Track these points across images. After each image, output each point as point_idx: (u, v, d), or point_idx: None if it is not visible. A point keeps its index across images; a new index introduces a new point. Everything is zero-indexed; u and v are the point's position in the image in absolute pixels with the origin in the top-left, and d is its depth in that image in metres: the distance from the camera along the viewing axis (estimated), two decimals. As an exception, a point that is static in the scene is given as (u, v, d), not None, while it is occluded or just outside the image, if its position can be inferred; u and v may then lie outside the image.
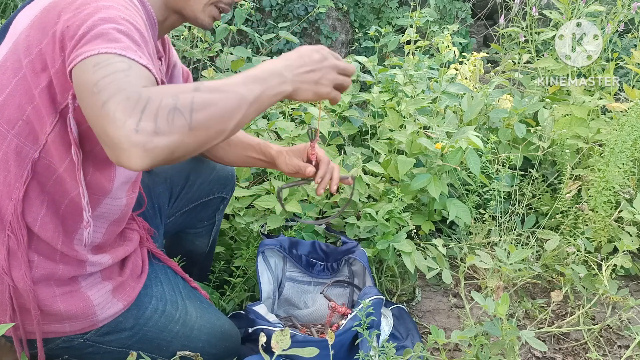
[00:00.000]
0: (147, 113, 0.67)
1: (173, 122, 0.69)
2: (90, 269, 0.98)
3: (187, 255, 1.40)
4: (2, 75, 0.86)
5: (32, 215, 0.89)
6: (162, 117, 0.68)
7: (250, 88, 0.78)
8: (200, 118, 0.71)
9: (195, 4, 0.99)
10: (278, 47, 3.20)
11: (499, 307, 1.10)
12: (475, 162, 1.70)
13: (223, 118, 0.74)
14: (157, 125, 0.67)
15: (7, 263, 0.88)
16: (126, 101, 0.67)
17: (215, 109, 0.73)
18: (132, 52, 0.74)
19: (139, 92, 0.69)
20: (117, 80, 0.69)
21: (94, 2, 0.79)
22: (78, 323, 0.97)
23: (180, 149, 0.70)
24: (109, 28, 0.75)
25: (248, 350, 1.29)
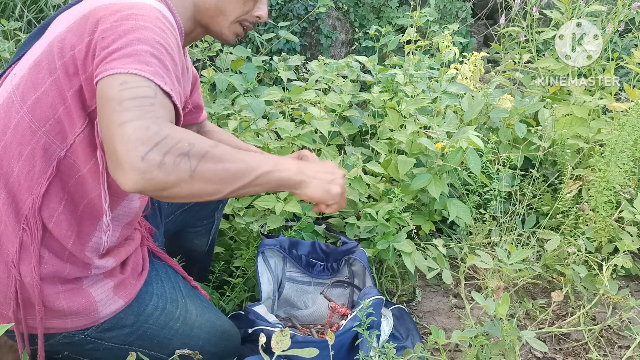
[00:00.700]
0: (159, 147, 0.72)
1: (179, 164, 0.73)
2: (95, 272, 0.99)
3: (186, 254, 1.40)
4: (37, 75, 0.88)
5: (49, 211, 0.90)
6: (171, 156, 0.72)
7: (261, 164, 0.83)
8: (204, 170, 0.75)
9: (222, 21, 1.03)
10: (278, 47, 3.20)
11: (499, 307, 1.09)
12: (475, 162, 1.70)
13: (225, 179, 0.78)
14: (162, 161, 0.72)
15: (17, 256, 0.89)
16: (145, 130, 0.72)
17: (221, 168, 0.77)
18: (159, 78, 0.77)
19: (161, 127, 0.73)
20: (142, 107, 0.73)
21: (133, 20, 0.81)
22: (80, 319, 0.98)
23: (172, 190, 0.74)
24: (142, 50, 0.78)
25: (248, 350, 1.29)
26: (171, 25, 0.87)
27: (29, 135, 0.88)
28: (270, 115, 2.05)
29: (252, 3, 1.03)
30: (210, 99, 2.14)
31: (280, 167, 0.86)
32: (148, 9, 0.84)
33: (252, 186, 0.82)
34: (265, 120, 1.98)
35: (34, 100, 0.87)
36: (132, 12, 0.82)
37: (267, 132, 1.93)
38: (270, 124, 1.90)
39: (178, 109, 0.81)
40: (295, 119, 2.09)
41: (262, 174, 0.82)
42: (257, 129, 1.88)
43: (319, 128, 1.75)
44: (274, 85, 2.45)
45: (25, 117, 0.88)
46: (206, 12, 1.01)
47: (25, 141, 0.88)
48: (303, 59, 2.24)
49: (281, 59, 2.12)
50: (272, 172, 0.84)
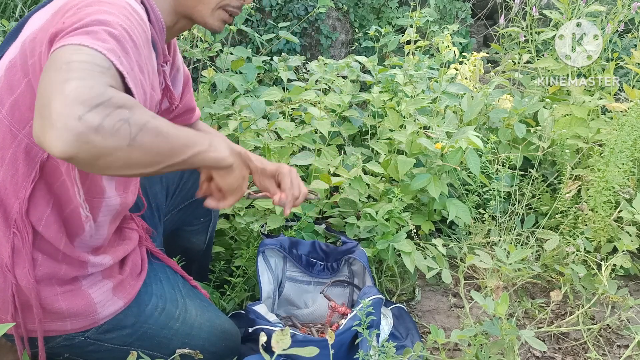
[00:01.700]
0: (100, 109, 0.66)
1: (118, 129, 0.67)
2: (92, 270, 0.99)
3: (184, 253, 1.40)
4: (13, 76, 0.86)
5: (37, 214, 0.90)
6: (111, 120, 0.66)
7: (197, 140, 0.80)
8: (144, 140, 0.70)
9: (203, 9, 0.99)
10: (278, 47, 3.20)
11: (498, 306, 1.10)
12: (475, 162, 1.70)
13: (163, 152, 0.74)
14: (101, 124, 0.65)
15: (11, 260, 0.89)
16: (89, 89, 0.66)
17: (161, 140, 0.73)
18: (114, 55, 0.73)
19: (106, 88, 0.68)
20: (91, 70, 0.68)
21: (97, 5, 0.79)
22: (79, 321, 0.98)
23: (107, 158, 0.68)
24: (100, 29, 0.74)
25: (248, 349, 1.29)
26: (140, 19, 0.83)
27: (10, 138, 0.87)
28: (271, 116, 2.06)
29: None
30: (211, 99, 2.14)
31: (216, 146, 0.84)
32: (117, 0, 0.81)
33: (186, 164, 0.79)
34: (265, 120, 1.98)
35: (12, 102, 0.86)
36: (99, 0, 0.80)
37: (267, 132, 1.93)
38: (270, 124, 1.90)
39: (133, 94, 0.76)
40: (295, 119, 2.10)
41: (198, 152, 0.80)
42: (257, 129, 1.89)
43: (319, 128, 1.75)
44: (274, 85, 2.46)
45: (4, 120, 0.87)
46: (185, 3, 0.99)
47: (7, 145, 0.87)
48: (303, 59, 2.24)
49: (281, 59, 2.12)
50: (207, 151, 0.82)
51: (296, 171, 1.25)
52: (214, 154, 0.83)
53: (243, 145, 1.85)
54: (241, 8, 1.04)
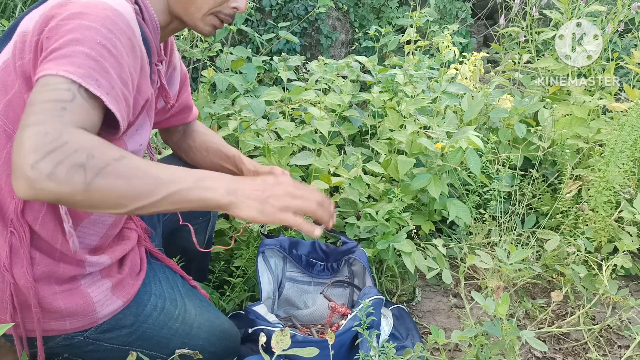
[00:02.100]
0: (52, 156, 0.67)
1: (72, 176, 0.68)
2: (90, 269, 0.99)
3: (183, 253, 1.40)
4: (7, 77, 0.87)
5: (34, 213, 0.90)
6: (64, 167, 0.67)
7: (177, 181, 0.75)
8: (102, 185, 0.70)
9: (195, 12, 0.99)
10: (278, 47, 3.20)
11: (499, 307, 1.09)
12: (475, 162, 1.70)
13: (127, 195, 0.72)
14: (53, 172, 0.67)
15: (8, 260, 0.89)
16: (43, 136, 0.68)
17: (123, 183, 0.71)
18: (91, 80, 0.74)
19: (61, 133, 0.69)
20: (52, 110, 0.70)
21: (78, 19, 0.78)
22: (78, 320, 0.98)
23: (67, 201, 0.70)
24: (78, 51, 0.75)
25: (248, 350, 1.29)
26: (125, 25, 0.83)
27: (4, 139, 0.87)
28: (270, 115, 2.05)
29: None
30: (211, 99, 2.14)
31: (204, 184, 0.77)
32: (100, 9, 0.80)
33: (165, 204, 0.75)
34: (265, 120, 1.98)
35: (6, 103, 0.86)
36: (81, 10, 0.79)
37: (267, 132, 1.93)
38: (270, 124, 1.90)
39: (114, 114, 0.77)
40: (295, 119, 2.09)
41: (176, 192, 0.74)
42: (257, 129, 1.89)
43: (319, 128, 1.75)
44: (274, 85, 2.46)
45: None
46: (178, 3, 0.99)
47: (1, 145, 0.87)
48: (303, 59, 2.24)
49: (281, 59, 2.12)
50: (190, 189, 0.76)
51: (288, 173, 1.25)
52: (199, 192, 0.76)
53: (243, 145, 1.85)
54: (234, 16, 1.04)
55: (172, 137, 1.33)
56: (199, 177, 0.78)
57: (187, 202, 0.76)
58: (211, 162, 1.32)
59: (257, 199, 0.81)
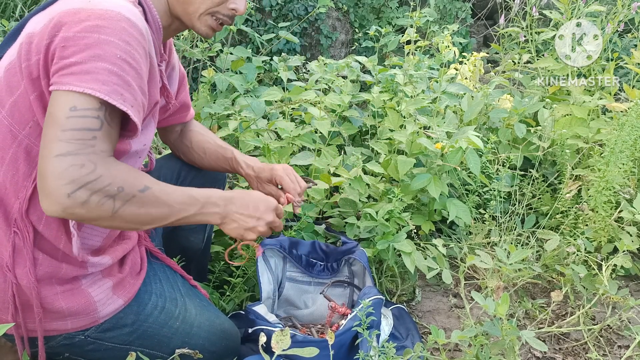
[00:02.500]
0: (87, 188, 0.77)
1: (103, 205, 0.79)
2: (91, 269, 1.00)
3: (183, 252, 1.41)
4: (12, 78, 0.87)
5: (38, 213, 0.90)
6: (97, 197, 0.78)
7: (185, 208, 0.91)
8: (126, 213, 0.82)
9: (192, 12, 1.01)
10: (278, 47, 3.20)
11: (499, 307, 1.09)
12: (475, 162, 1.70)
13: (145, 221, 0.86)
14: (87, 201, 0.77)
15: (11, 260, 0.90)
16: (79, 168, 0.76)
17: (143, 212, 0.84)
18: (116, 96, 0.80)
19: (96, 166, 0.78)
20: (83, 141, 0.78)
21: (97, 33, 0.81)
22: (80, 320, 0.98)
23: (90, 222, 0.82)
24: (101, 67, 0.79)
25: (248, 350, 1.29)
26: (139, 34, 0.86)
27: (10, 139, 0.88)
28: (271, 116, 2.06)
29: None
30: (211, 99, 2.14)
31: (206, 210, 0.94)
32: (115, 20, 0.82)
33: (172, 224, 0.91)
34: (265, 120, 1.98)
35: (12, 103, 0.87)
36: (97, 23, 0.81)
37: (267, 132, 1.93)
38: (270, 124, 1.90)
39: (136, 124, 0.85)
40: (295, 119, 2.10)
41: (183, 217, 0.91)
42: (257, 129, 1.89)
43: (319, 128, 1.75)
44: (274, 85, 2.46)
45: (4, 120, 0.88)
46: (177, 4, 1.01)
47: (7, 145, 0.88)
48: (303, 59, 2.24)
49: (281, 59, 2.12)
50: (194, 215, 0.92)
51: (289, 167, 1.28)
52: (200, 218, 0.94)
53: (243, 145, 1.85)
54: (233, 18, 1.06)
55: (170, 136, 1.33)
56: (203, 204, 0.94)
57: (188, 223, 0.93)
58: (209, 164, 1.33)
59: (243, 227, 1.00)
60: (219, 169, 1.34)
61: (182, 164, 1.35)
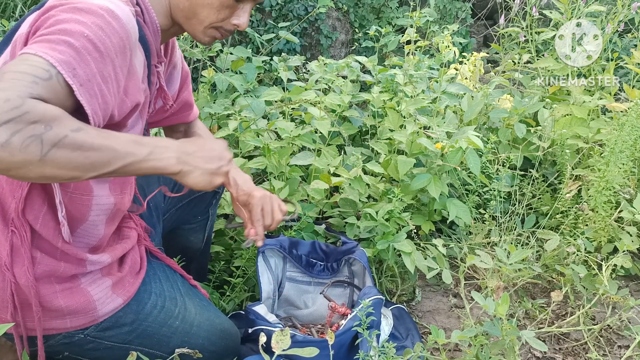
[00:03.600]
0: (10, 125, 0.67)
1: (27, 146, 0.68)
2: (90, 268, 0.99)
3: (183, 251, 1.41)
4: None
5: (34, 213, 0.90)
6: (21, 136, 0.67)
7: (132, 152, 0.78)
8: (57, 156, 0.71)
9: (196, 24, 0.99)
10: (278, 47, 3.20)
11: (499, 307, 1.10)
12: (475, 162, 1.70)
13: (82, 166, 0.74)
14: (8, 140, 0.67)
15: (9, 259, 0.90)
16: (2, 103, 0.67)
17: (79, 155, 0.72)
18: (67, 67, 0.74)
19: (24, 102, 0.68)
20: (19, 81, 0.69)
21: (71, 13, 0.79)
22: (79, 318, 0.98)
23: (19, 170, 0.70)
24: (62, 39, 0.75)
25: (248, 350, 1.29)
26: (120, 26, 0.82)
27: None
28: (271, 116, 2.06)
29: (228, 12, 0.99)
30: (211, 99, 2.14)
31: (157, 155, 0.82)
32: (96, 7, 0.80)
33: (120, 173, 0.79)
34: (265, 120, 1.98)
35: None
36: (76, 6, 0.80)
37: (267, 132, 1.93)
38: (270, 124, 1.90)
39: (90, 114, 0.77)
40: (295, 119, 2.10)
41: (131, 162, 0.78)
42: (257, 129, 1.89)
43: (319, 128, 1.75)
44: (274, 85, 2.46)
45: None
46: (181, 12, 0.99)
47: None
48: (303, 59, 2.24)
49: (281, 59, 2.12)
50: (145, 160, 0.80)
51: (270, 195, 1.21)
52: (153, 163, 0.82)
53: (243, 145, 1.85)
54: (233, 31, 1.04)
55: (174, 136, 1.33)
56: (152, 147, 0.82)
57: (140, 171, 0.81)
58: None
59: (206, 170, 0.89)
60: None
61: None
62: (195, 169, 0.88)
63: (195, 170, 0.88)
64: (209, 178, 0.90)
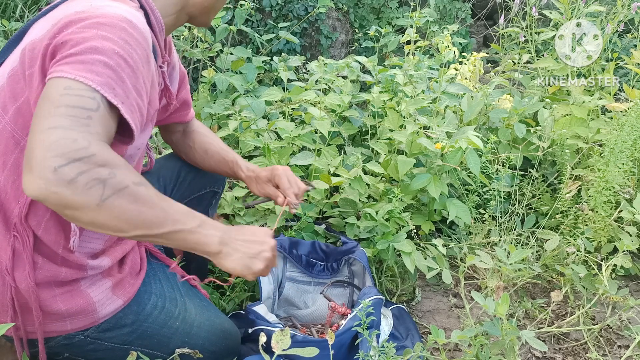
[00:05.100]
0: (77, 165, 0.68)
1: (90, 188, 0.69)
2: (91, 272, 1.00)
3: (183, 252, 1.41)
4: (16, 84, 0.87)
5: (37, 219, 0.90)
6: (86, 177, 0.69)
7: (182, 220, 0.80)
8: (115, 204, 0.72)
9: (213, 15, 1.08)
10: (278, 47, 3.20)
11: (499, 307, 1.10)
12: (475, 162, 1.70)
13: (134, 221, 0.74)
14: (74, 180, 0.68)
15: (11, 263, 0.89)
16: (71, 142, 0.69)
17: (134, 208, 0.74)
18: (108, 89, 0.75)
19: (90, 144, 0.70)
20: (78, 118, 0.71)
21: (96, 29, 0.80)
22: (79, 320, 0.98)
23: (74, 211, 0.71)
24: (96, 59, 0.76)
25: (248, 350, 1.29)
26: (141, 36, 0.84)
27: (13, 144, 0.88)
28: (271, 116, 2.06)
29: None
30: (211, 99, 2.14)
31: (204, 230, 0.83)
32: (117, 20, 0.81)
33: (162, 238, 0.79)
34: (265, 120, 1.98)
35: (15, 110, 0.87)
36: (98, 20, 0.80)
37: (267, 132, 1.93)
38: (270, 124, 1.90)
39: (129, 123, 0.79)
40: (295, 119, 2.10)
41: (178, 231, 0.79)
42: (257, 129, 1.89)
43: (319, 128, 1.75)
44: (274, 85, 2.46)
45: (7, 126, 0.88)
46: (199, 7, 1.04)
47: (9, 150, 0.88)
48: (303, 59, 2.24)
49: (281, 60, 2.12)
50: (191, 232, 0.81)
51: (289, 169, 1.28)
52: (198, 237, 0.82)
53: (243, 145, 1.85)
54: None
55: (172, 136, 1.34)
56: (201, 222, 0.83)
57: (183, 242, 0.81)
58: (210, 166, 1.33)
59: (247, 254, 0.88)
60: (220, 171, 1.34)
61: (182, 164, 1.35)
62: (234, 251, 0.87)
63: (235, 254, 0.86)
64: (249, 262, 0.88)
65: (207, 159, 1.32)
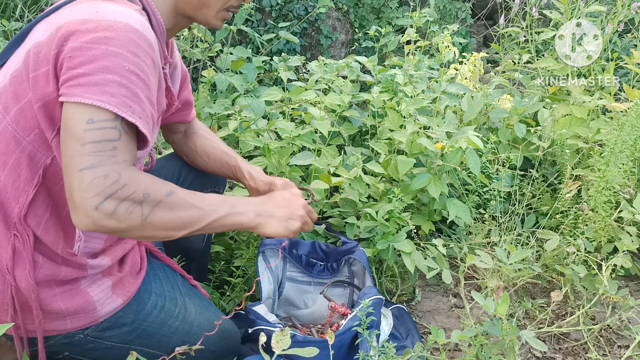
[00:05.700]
0: (113, 197, 0.77)
1: (130, 213, 0.79)
2: (91, 271, 1.00)
3: (183, 251, 1.41)
4: (19, 85, 0.87)
5: (37, 219, 0.90)
6: (124, 206, 0.78)
7: (215, 209, 0.89)
8: (156, 218, 0.81)
9: (207, 11, 1.03)
10: (278, 47, 3.20)
11: (499, 307, 1.10)
12: (475, 162, 1.70)
13: (176, 226, 0.84)
14: (115, 211, 0.77)
15: (11, 262, 0.90)
16: (103, 179, 0.77)
17: (173, 216, 0.83)
18: (125, 109, 0.80)
19: (119, 175, 0.78)
20: (104, 152, 0.78)
21: (105, 45, 0.80)
22: (79, 319, 0.98)
23: (123, 234, 0.81)
24: (110, 79, 0.79)
25: (248, 350, 1.29)
26: (148, 45, 0.85)
27: (14, 144, 0.88)
28: (271, 116, 2.06)
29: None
30: (211, 99, 2.14)
31: (237, 210, 0.91)
32: (124, 32, 0.82)
33: (206, 230, 0.88)
34: (265, 120, 1.98)
35: (17, 110, 0.87)
36: (106, 35, 0.81)
37: (267, 132, 1.93)
38: (270, 124, 1.90)
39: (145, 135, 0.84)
40: (295, 119, 2.10)
41: (216, 219, 0.88)
42: (257, 129, 1.89)
43: (319, 128, 1.75)
44: (274, 85, 2.46)
45: (8, 127, 0.88)
46: (189, 6, 1.02)
47: (10, 150, 0.88)
48: (303, 59, 2.24)
49: (281, 60, 2.12)
50: (227, 216, 0.90)
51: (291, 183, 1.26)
52: (233, 218, 0.91)
53: (243, 145, 1.85)
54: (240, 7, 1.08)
55: (174, 136, 1.33)
56: (232, 203, 0.92)
57: (223, 227, 0.91)
58: (212, 169, 1.33)
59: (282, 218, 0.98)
60: (221, 174, 1.34)
61: (182, 164, 1.35)
62: (270, 218, 0.96)
63: (271, 220, 0.96)
64: (286, 224, 0.98)
65: (209, 162, 1.32)
